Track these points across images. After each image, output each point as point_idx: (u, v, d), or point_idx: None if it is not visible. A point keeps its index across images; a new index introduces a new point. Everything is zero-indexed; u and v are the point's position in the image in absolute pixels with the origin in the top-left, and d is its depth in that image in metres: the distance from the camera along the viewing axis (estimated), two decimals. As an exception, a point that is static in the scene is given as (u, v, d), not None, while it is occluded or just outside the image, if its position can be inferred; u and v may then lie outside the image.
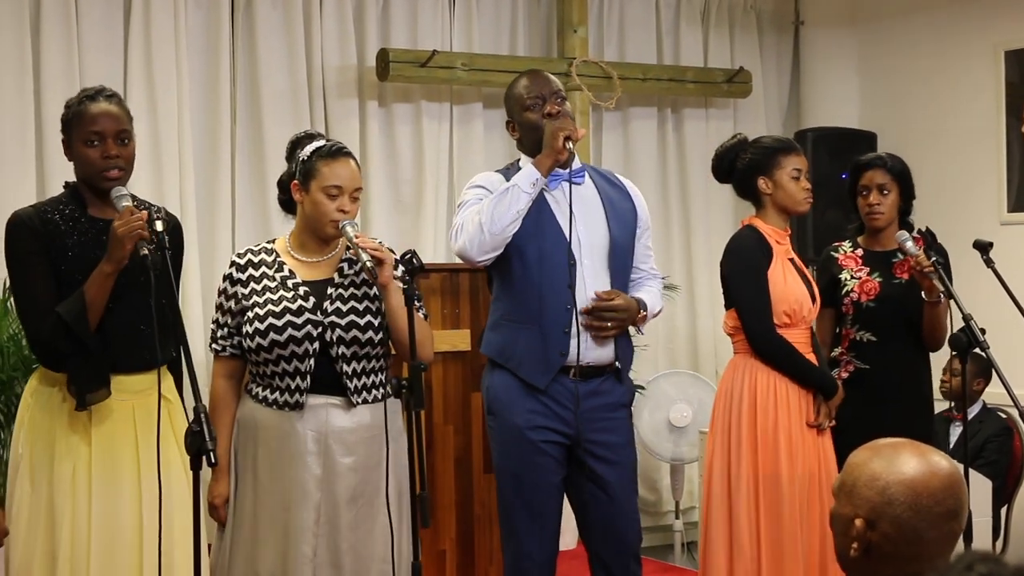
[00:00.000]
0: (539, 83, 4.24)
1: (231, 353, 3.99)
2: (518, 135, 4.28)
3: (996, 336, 4.59)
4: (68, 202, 3.79)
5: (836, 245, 5.05)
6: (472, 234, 4.06)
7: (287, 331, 3.85)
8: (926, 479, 2.27)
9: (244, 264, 3.99)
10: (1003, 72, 7.18)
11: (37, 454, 3.73)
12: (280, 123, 6.75)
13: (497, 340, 4.23)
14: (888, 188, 4.89)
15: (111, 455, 3.69)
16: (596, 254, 4.19)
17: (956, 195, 7.27)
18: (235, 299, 3.96)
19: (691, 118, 7.93)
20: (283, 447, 3.88)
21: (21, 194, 6.19)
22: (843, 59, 8.02)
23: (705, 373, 7.52)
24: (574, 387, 4.12)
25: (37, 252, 3.69)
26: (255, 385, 3.97)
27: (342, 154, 3.96)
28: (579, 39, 7.39)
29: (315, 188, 3.91)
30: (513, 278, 4.16)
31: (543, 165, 4.08)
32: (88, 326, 3.61)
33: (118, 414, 3.69)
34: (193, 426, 3.21)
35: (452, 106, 7.26)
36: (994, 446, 6.32)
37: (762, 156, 4.66)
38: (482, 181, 4.26)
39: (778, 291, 4.57)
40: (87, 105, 3.73)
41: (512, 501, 4.19)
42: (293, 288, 3.93)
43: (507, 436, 4.18)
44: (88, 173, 3.75)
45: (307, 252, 4.00)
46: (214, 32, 6.66)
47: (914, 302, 4.77)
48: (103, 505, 3.68)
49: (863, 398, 4.79)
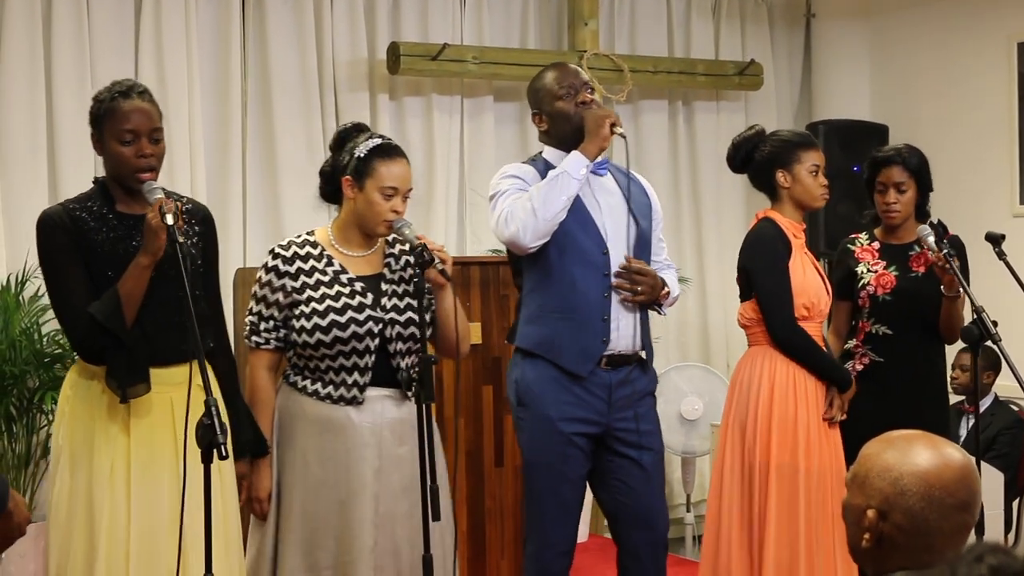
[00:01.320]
0: (569, 74, 4.28)
1: (275, 346, 3.97)
2: (546, 126, 4.31)
3: (1008, 329, 4.58)
4: (96, 198, 3.78)
5: (853, 237, 5.03)
6: (524, 221, 4.07)
7: (350, 327, 3.85)
8: (939, 471, 2.27)
9: (291, 256, 3.96)
10: (1016, 64, 7.16)
11: (76, 445, 3.73)
12: (291, 117, 6.76)
13: (535, 332, 4.23)
14: (906, 186, 4.86)
15: (150, 447, 3.69)
16: (620, 246, 4.22)
17: (968, 187, 7.26)
18: (283, 291, 3.93)
19: (702, 111, 7.93)
20: (338, 440, 3.87)
21: (34, 191, 6.22)
22: (854, 51, 8.00)
23: (716, 366, 7.52)
24: (606, 376, 4.17)
25: (69, 250, 3.69)
26: (301, 378, 3.96)
27: (399, 154, 3.98)
28: (590, 32, 7.38)
29: (371, 187, 3.91)
30: (549, 269, 4.19)
31: (589, 152, 4.12)
32: (124, 322, 3.60)
33: (157, 406, 3.69)
34: (204, 419, 3.21)
35: (463, 99, 7.26)
36: (1006, 439, 6.31)
37: (782, 149, 4.66)
38: (515, 171, 4.28)
39: (797, 283, 4.58)
40: (120, 102, 3.70)
41: (540, 492, 4.23)
42: (348, 284, 3.92)
43: (538, 427, 4.20)
44: (120, 171, 3.73)
45: (352, 246, 3.99)
46: (225, 26, 6.67)
47: (930, 295, 4.76)
48: (142, 496, 3.68)
49: (878, 391, 4.79)
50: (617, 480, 4.24)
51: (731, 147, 4.80)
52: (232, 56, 6.66)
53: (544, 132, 4.32)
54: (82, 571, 3.68)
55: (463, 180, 7.24)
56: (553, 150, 4.28)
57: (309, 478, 3.90)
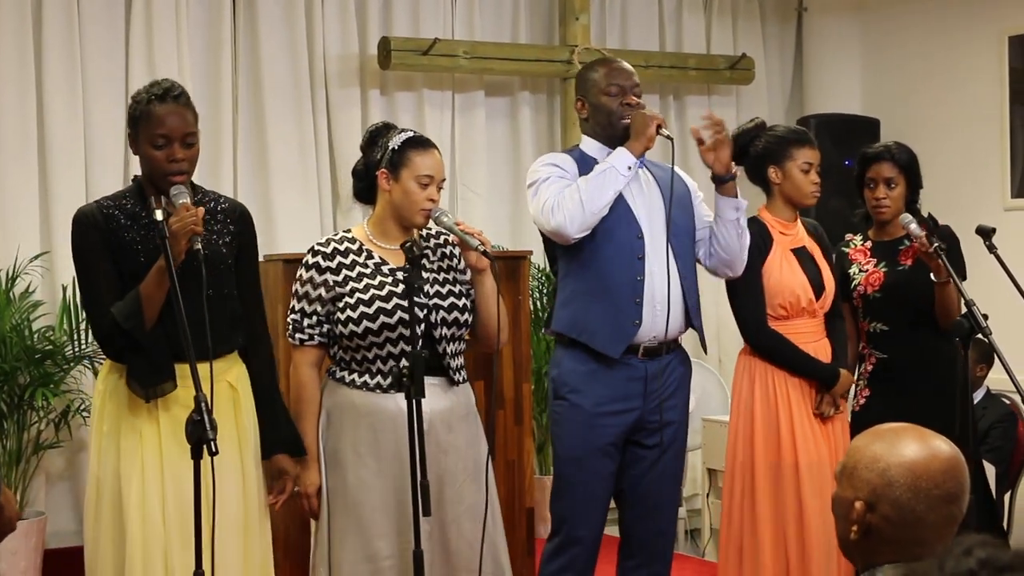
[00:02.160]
0: (621, 74, 4.35)
1: (319, 342, 3.99)
2: (586, 115, 4.39)
3: (999, 322, 4.57)
4: (131, 197, 3.80)
5: (847, 240, 5.03)
6: (572, 212, 4.15)
7: (396, 314, 3.87)
8: (926, 462, 2.27)
9: (331, 252, 3.98)
10: (1007, 58, 7.16)
11: (106, 439, 3.77)
12: (282, 112, 6.76)
13: (568, 315, 4.32)
14: (895, 182, 4.86)
15: (179, 439, 3.69)
16: (656, 233, 4.29)
17: (959, 181, 7.26)
18: (325, 287, 3.95)
19: (693, 105, 7.92)
20: (391, 429, 3.88)
21: (25, 189, 6.21)
22: (846, 45, 8.00)
23: (708, 360, 7.51)
24: (642, 366, 4.26)
25: (99, 248, 3.72)
26: (348, 372, 3.97)
27: (432, 145, 4.03)
28: (581, 26, 7.38)
29: (406, 177, 3.93)
30: (583, 253, 4.26)
31: (635, 150, 4.22)
32: (142, 323, 3.63)
33: (184, 400, 3.69)
34: (194, 415, 3.21)
35: (454, 94, 7.26)
36: (998, 432, 6.31)
37: (775, 145, 4.67)
38: (554, 160, 4.38)
39: (772, 283, 4.58)
40: (155, 106, 3.70)
41: (571, 486, 4.29)
42: (390, 274, 3.95)
43: (575, 421, 4.27)
44: (153, 174, 3.75)
45: (390, 239, 4.01)
46: (216, 22, 6.67)
47: (919, 286, 4.75)
48: (175, 484, 3.68)
49: (888, 388, 4.80)
50: (634, 468, 4.32)
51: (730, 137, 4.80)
52: (223, 51, 6.66)
53: (583, 120, 4.42)
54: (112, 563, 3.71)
55: (454, 175, 7.24)
56: (592, 142, 4.37)
57: (362, 469, 3.90)
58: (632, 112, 4.27)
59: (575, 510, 4.28)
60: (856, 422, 4.79)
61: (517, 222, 7.38)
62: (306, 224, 6.75)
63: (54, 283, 6.23)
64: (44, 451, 6.06)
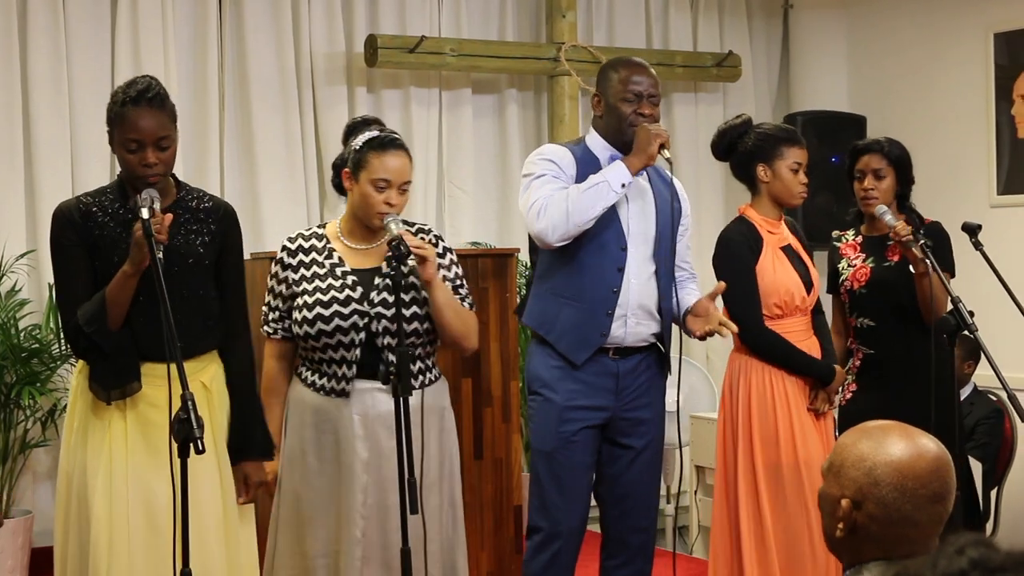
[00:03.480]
0: (642, 79, 4.30)
1: (282, 336, 4.02)
2: (600, 112, 4.35)
3: (985, 319, 4.58)
4: (113, 194, 3.79)
5: (839, 235, 5.03)
6: (556, 221, 4.13)
7: (334, 321, 3.87)
8: (912, 461, 2.27)
9: (295, 249, 4.01)
10: (992, 54, 7.17)
11: (75, 436, 3.78)
12: (269, 110, 6.75)
13: (539, 311, 4.32)
14: (884, 173, 4.85)
15: (146, 438, 3.69)
16: (642, 245, 4.27)
17: (946, 178, 7.27)
18: (286, 283, 3.98)
19: (680, 102, 7.93)
20: (331, 431, 3.91)
21: (10, 187, 6.20)
22: (832, 42, 8.01)
23: (695, 358, 7.52)
24: (614, 365, 4.25)
25: (75, 244, 3.71)
26: (304, 369, 4.01)
27: (394, 146, 3.95)
28: (568, 24, 7.38)
29: (364, 179, 3.91)
30: (565, 254, 4.24)
31: (634, 166, 4.17)
32: (105, 326, 3.62)
33: (152, 399, 3.69)
34: (180, 414, 3.20)
35: (441, 92, 7.25)
36: (984, 428, 6.32)
37: (764, 143, 4.65)
38: (551, 155, 4.31)
39: (767, 283, 4.58)
40: (129, 109, 3.67)
41: (547, 480, 4.29)
42: (341, 276, 3.94)
43: (547, 415, 4.28)
44: (128, 177, 3.75)
45: (357, 239, 4.01)
46: (202, 19, 6.65)
47: (905, 282, 4.75)
48: (140, 484, 3.68)
49: (874, 384, 4.80)
50: (613, 469, 4.31)
51: (716, 134, 4.79)
52: (209, 50, 6.65)
53: (597, 116, 4.38)
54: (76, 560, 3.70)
55: (441, 173, 7.24)
56: (598, 139, 4.34)
57: (304, 467, 3.94)
58: (640, 125, 4.22)
59: (553, 505, 4.28)
60: (843, 416, 4.80)
61: (504, 219, 7.38)
62: (293, 221, 6.73)
63: (40, 281, 6.22)
64: (31, 450, 6.06)
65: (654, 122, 4.26)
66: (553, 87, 7.33)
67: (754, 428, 4.57)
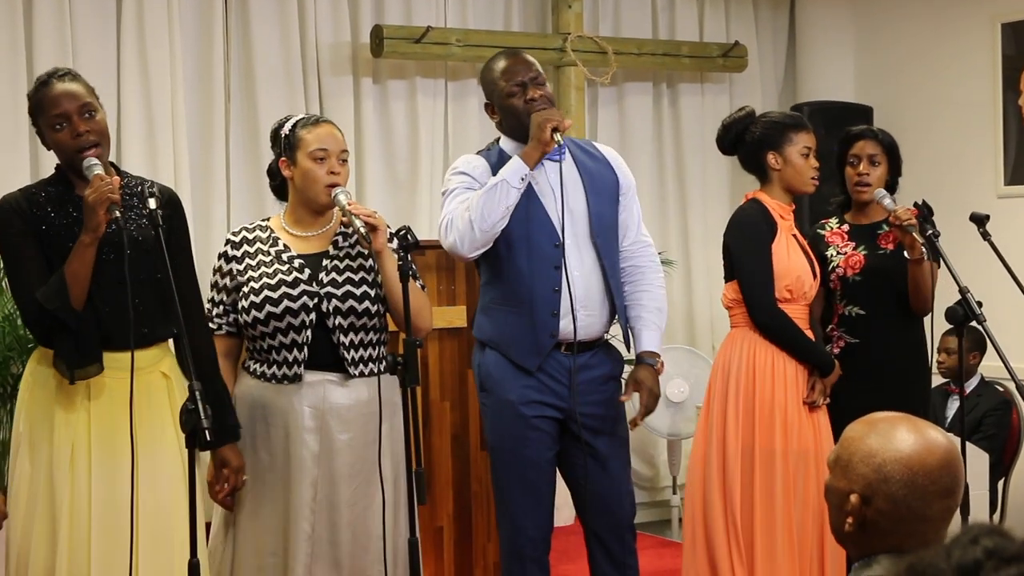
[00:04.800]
0: (517, 68, 4.16)
1: (227, 331, 4.00)
2: (498, 118, 4.24)
3: (993, 309, 4.57)
4: (55, 183, 3.77)
5: (822, 223, 5.03)
6: (463, 232, 4.02)
7: (283, 303, 3.85)
8: (922, 457, 2.25)
9: (239, 241, 4.00)
10: (1000, 44, 7.15)
11: (36, 432, 3.71)
12: (274, 101, 6.74)
13: (487, 324, 4.23)
14: (878, 160, 4.86)
15: (109, 432, 3.67)
16: (579, 232, 4.16)
17: (953, 168, 7.26)
18: (230, 276, 3.97)
19: (686, 93, 7.91)
20: (281, 423, 3.88)
21: (16, 177, 6.18)
22: (839, 32, 7.99)
23: (702, 348, 7.52)
24: (567, 361, 4.14)
25: (25, 234, 3.67)
26: (252, 361, 3.98)
27: (322, 121, 3.99)
28: (574, 14, 7.36)
29: (302, 157, 3.91)
30: (500, 263, 4.15)
31: (531, 158, 4.03)
32: (68, 302, 3.57)
33: (114, 391, 3.66)
34: (188, 404, 3.19)
35: (447, 82, 7.24)
36: (992, 420, 6.32)
37: (773, 131, 4.64)
38: (464, 167, 4.20)
39: (781, 266, 4.57)
40: (43, 91, 3.69)
41: (506, 478, 4.21)
42: (288, 261, 3.93)
43: (501, 412, 4.18)
44: (64, 157, 3.72)
45: (302, 227, 4.00)
46: (207, 10, 6.64)
47: (900, 272, 4.74)
48: (102, 483, 3.65)
49: (855, 372, 4.78)
50: (576, 466, 4.21)
51: (721, 128, 4.78)
52: (215, 40, 6.63)
53: (498, 123, 4.26)
54: (44, 556, 3.65)
55: (447, 164, 7.18)
56: (509, 141, 4.22)
57: (257, 463, 3.91)
58: (533, 113, 4.07)
59: (514, 503, 4.20)
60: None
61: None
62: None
63: (46, 272, 6.21)
64: (37, 441, 6.05)
65: (547, 103, 4.13)
66: (559, 78, 7.31)
67: (756, 410, 4.53)
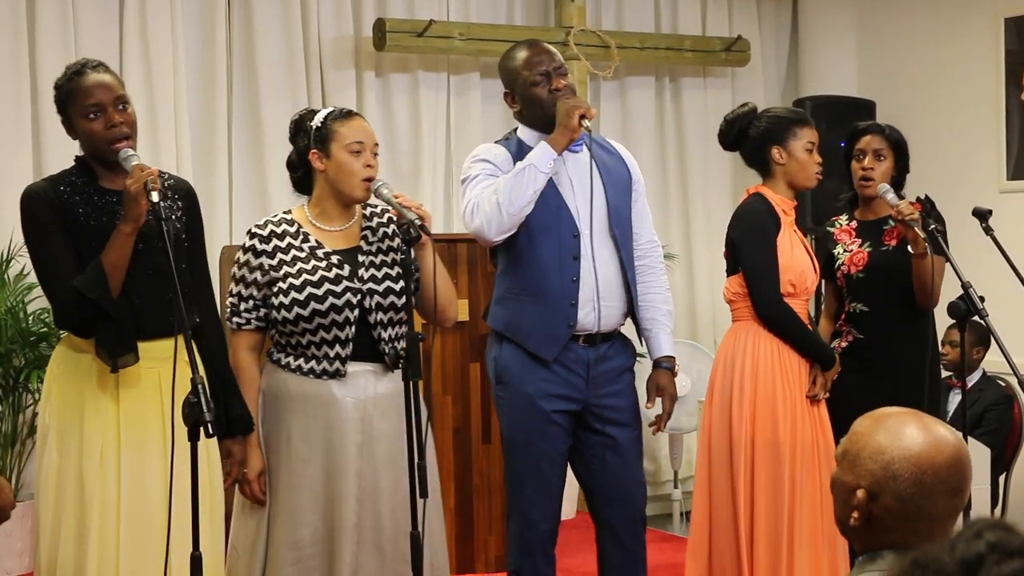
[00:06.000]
0: (541, 58, 4.20)
1: (256, 326, 3.96)
2: (518, 107, 4.26)
3: (995, 304, 4.57)
4: (79, 175, 3.76)
5: (833, 220, 5.04)
6: (490, 215, 4.05)
7: (328, 299, 3.84)
8: (931, 456, 2.24)
9: (267, 235, 3.94)
10: (1003, 39, 7.15)
11: (65, 422, 3.70)
12: (277, 94, 6.74)
13: (503, 314, 4.24)
14: (884, 154, 4.87)
15: (140, 423, 3.67)
16: (598, 223, 4.19)
17: (955, 163, 7.25)
18: (260, 270, 3.91)
19: (689, 87, 7.91)
20: (322, 415, 3.86)
21: (18, 171, 6.19)
22: (842, 27, 7.99)
23: (703, 342, 7.52)
24: (584, 353, 4.17)
25: (53, 223, 3.67)
26: (284, 355, 3.94)
27: (355, 114, 3.97)
28: (576, 8, 7.36)
29: (337, 149, 3.88)
30: (519, 252, 4.17)
31: (558, 144, 4.07)
32: (108, 290, 3.57)
33: (145, 381, 3.67)
34: (190, 397, 3.19)
35: (449, 76, 7.24)
36: (994, 414, 6.32)
37: (777, 125, 4.65)
38: (486, 155, 4.23)
39: (785, 260, 4.58)
40: (78, 80, 3.68)
41: (521, 471, 4.23)
42: (325, 257, 3.90)
43: (518, 405, 4.20)
44: (95, 147, 3.70)
45: (329, 221, 3.97)
46: (210, 4, 6.65)
47: (903, 267, 4.74)
48: (132, 472, 3.66)
49: (859, 367, 4.79)
50: (593, 457, 4.24)
51: (723, 124, 4.78)
52: (217, 33, 6.63)
53: (517, 112, 4.29)
54: (74, 548, 3.65)
55: (449, 157, 7.22)
56: (528, 130, 4.25)
57: (292, 455, 3.88)
58: (558, 101, 4.12)
59: (526, 496, 4.22)
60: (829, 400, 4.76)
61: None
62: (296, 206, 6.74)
63: (49, 265, 6.22)
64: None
65: (571, 93, 4.18)
66: (562, 71, 7.30)
67: (758, 402, 4.54)
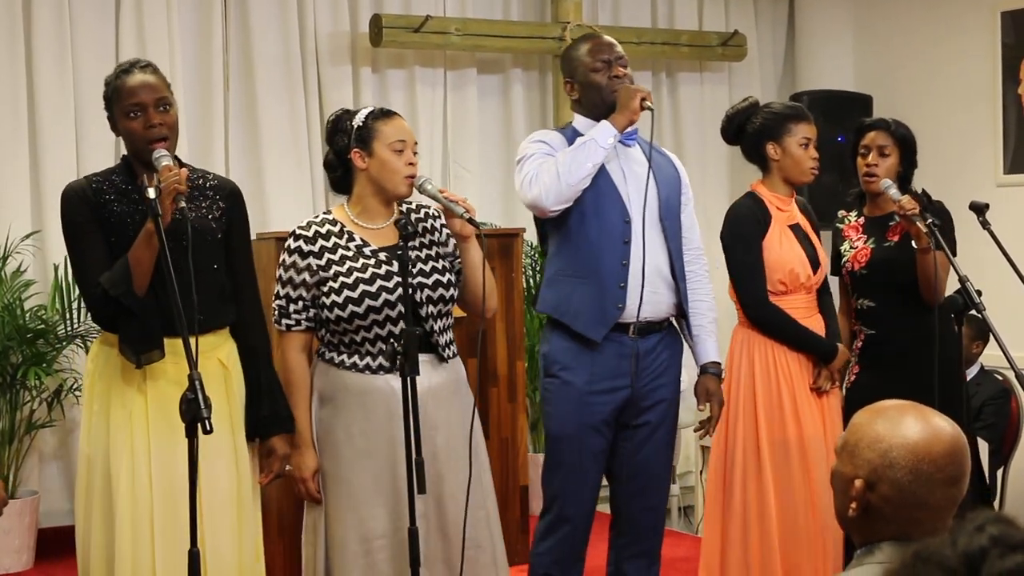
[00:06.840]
0: (604, 47, 4.32)
1: (306, 327, 3.96)
2: (577, 95, 4.36)
3: (993, 298, 4.57)
4: (120, 173, 3.81)
5: (842, 216, 5.03)
6: (548, 184, 4.14)
7: (382, 296, 3.86)
8: (929, 444, 2.25)
9: (312, 236, 3.94)
10: (1000, 34, 7.15)
11: (97, 418, 3.76)
12: (273, 90, 6.74)
13: (552, 296, 4.31)
14: (888, 151, 4.85)
15: (168, 418, 3.67)
16: (649, 212, 4.26)
17: (952, 157, 7.25)
18: (309, 271, 3.91)
19: (685, 82, 7.91)
20: (383, 408, 3.87)
21: (15, 172, 6.20)
22: (838, 21, 7.98)
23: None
24: (633, 344, 4.22)
25: (89, 221, 3.72)
26: (337, 354, 3.94)
27: (395, 113, 4.01)
28: (573, 3, 7.35)
29: (379, 148, 3.91)
30: (570, 233, 4.24)
31: (619, 123, 4.18)
32: (131, 287, 3.62)
33: (171, 377, 3.69)
34: (188, 393, 3.19)
35: (446, 71, 7.24)
36: (992, 408, 6.32)
37: (772, 121, 4.66)
38: (543, 137, 4.35)
39: (773, 258, 4.58)
40: (123, 79, 3.73)
41: (562, 464, 4.27)
42: (372, 255, 3.92)
43: (566, 399, 4.25)
44: (134, 146, 3.76)
45: (371, 219, 3.98)
46: (206, 0, 6.63)
47: (905, 262, 4.74)
48: (161, 460, 3.69)
49: (879, 364, 4.80)
50: (625, 446, 4.29)
51: (725, 119, 4.80)
52: (214, 28, 6.63)
53: (575, 101, 4.38)
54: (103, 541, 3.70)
55: (446, 153, 7.22)
56: (583, 119, 4.33)
57: (354, 450, 3.89)
58: (619, 85, 4.24)
59: (566, 488, 4.27)
60: (848, 399, 4.79)
61: (509, 199, 7.36)
62: (298, 202, 6.74)
63: (46, 262, 6.22)
64: (37, 430, 6.06)
65: (630, 82, 4.28)
66: (558, 67, 7.28)
67: (758, 404, 4.57)
